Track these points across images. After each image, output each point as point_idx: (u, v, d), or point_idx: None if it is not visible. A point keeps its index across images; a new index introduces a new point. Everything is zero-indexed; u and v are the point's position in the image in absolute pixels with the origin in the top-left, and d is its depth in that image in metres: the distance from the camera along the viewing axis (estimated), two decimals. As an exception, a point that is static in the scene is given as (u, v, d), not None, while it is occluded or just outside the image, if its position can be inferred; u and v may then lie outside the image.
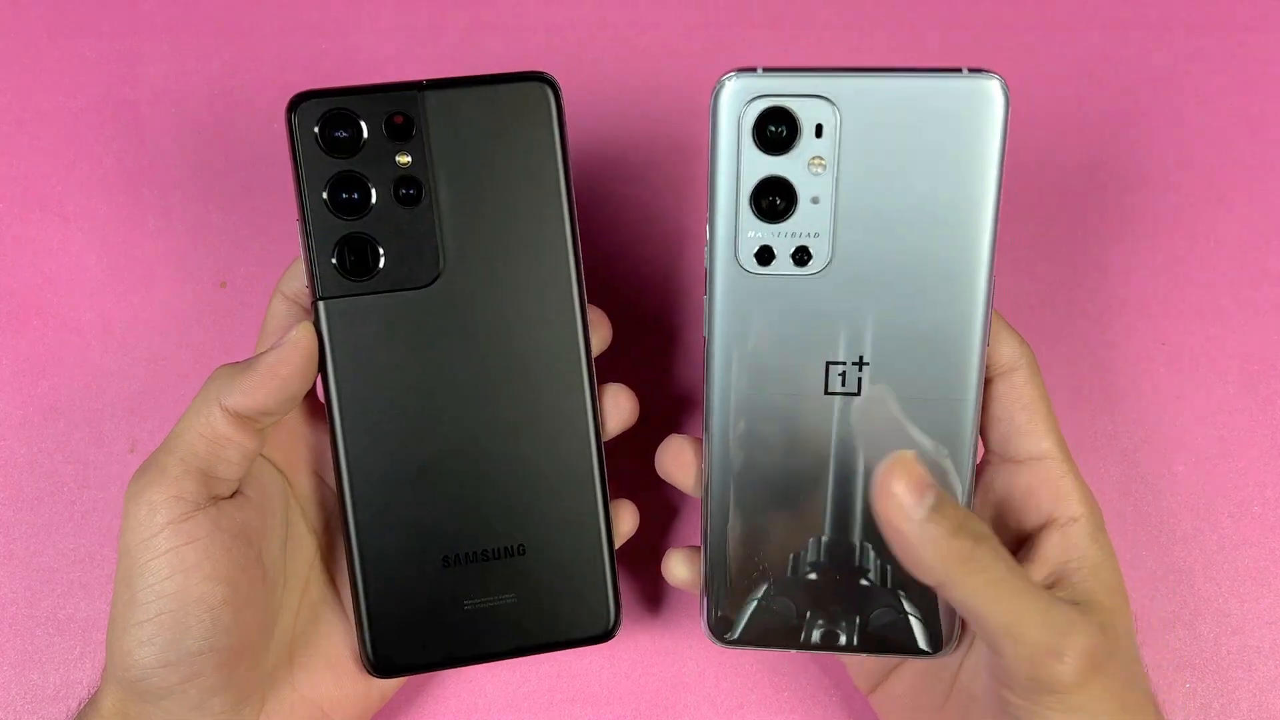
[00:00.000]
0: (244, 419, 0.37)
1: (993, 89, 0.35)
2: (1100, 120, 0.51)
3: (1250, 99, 0.51)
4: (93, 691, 0.39)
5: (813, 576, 0.39)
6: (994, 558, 0.34)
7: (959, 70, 0.36)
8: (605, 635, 0.41)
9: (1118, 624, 0.37)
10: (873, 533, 0.39)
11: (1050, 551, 0.38)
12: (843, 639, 0.40)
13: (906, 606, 0.39)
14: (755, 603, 0.40)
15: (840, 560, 0.39)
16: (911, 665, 0.42)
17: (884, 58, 0.51)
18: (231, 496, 0.38)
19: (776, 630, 0.40)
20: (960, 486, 0.38)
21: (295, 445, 0.41)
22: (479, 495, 0.40)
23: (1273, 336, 0.49)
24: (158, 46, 0.50)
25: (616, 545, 0.41)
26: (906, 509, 0.33)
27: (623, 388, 0.42)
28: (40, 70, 0.50)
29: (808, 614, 0.40)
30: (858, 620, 0.40)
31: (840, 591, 0.39)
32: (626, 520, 0.42)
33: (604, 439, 0.41)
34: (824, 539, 0.39)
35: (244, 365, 0.38)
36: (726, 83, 0.36)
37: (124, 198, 0.49)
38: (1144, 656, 0.46)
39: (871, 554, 0.39)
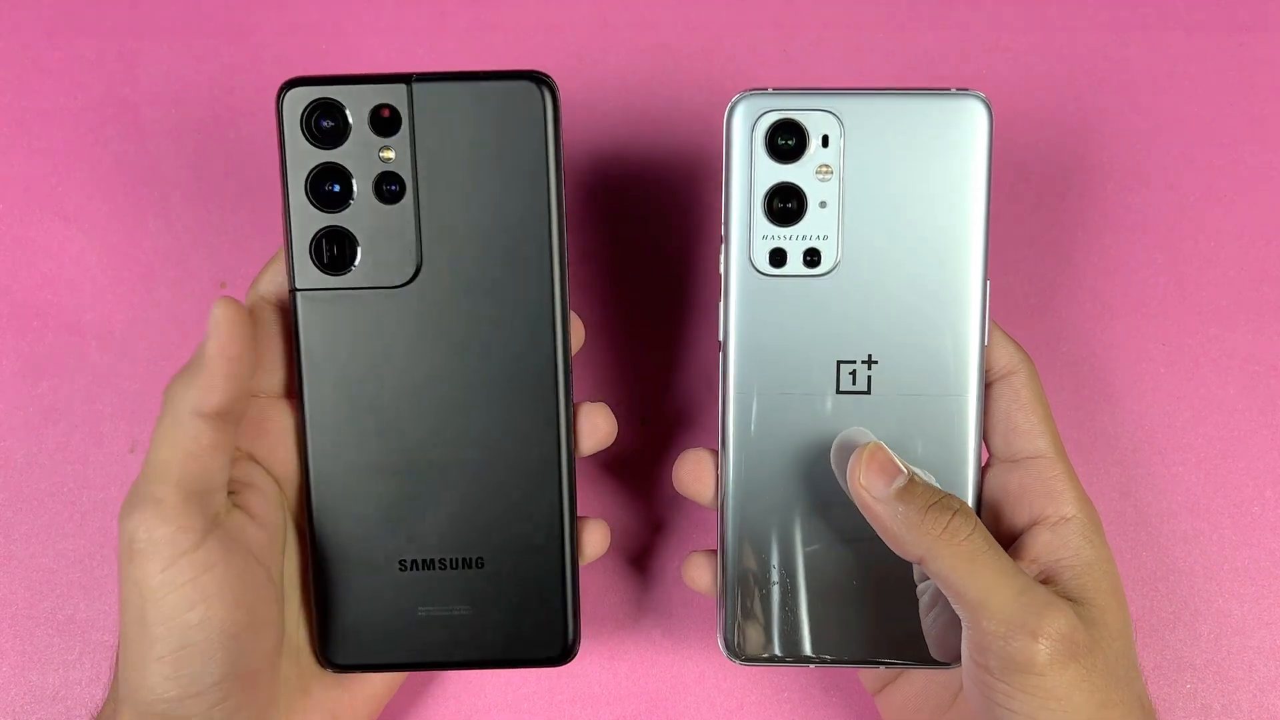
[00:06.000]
0: (220, 417, 0.36)
1: (977, 106, 0.38)
2: (1100, 120, 0.50)
3: (1250, 99, 0.51)
4: (98, 706, 0.38)
5: (830, 587, 0.40)
6: (971, 531, 0.36)
7: (948, 90, 0.39)
8: (560, 659, 0.40)
9: (1109, 622, 0.37)
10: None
11: (1039, 549, 0.38)
12: (862, 652, 0.40)
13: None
14: (774, 619, 0.40)
15: (858, 569, 0.40)
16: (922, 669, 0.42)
17: (885, 59, 0.51)
18: (238, 515, 0.37)
19: (795, 645, 0.40)
20: (965, 483, 0.39)
21: (289, 445, 0.41)
22: (441, 502, 0.39)
23: (1273, 336, 0.49)
24: (158, 46, 0.50)
25: (585, 564, 0.41)
26: (875, 490, 0.37)
27: (600, 407, 0.40)
28: (40, 70, 0.50)
29: (827, 627, 0.40)
30: (878, 632, 0.40)
31: (859, 602, 0.40)
32: (596, 540, 0.41)
33: (578, 457, 0.40)
34: (841, 547, 0.39)
35: (192, 368, 0.36)
36: (740, 100, 0.39)
37: (124, 198, 0.49)
38: (1144, 656, 0.46)
39: (890, 562, 0.39)
